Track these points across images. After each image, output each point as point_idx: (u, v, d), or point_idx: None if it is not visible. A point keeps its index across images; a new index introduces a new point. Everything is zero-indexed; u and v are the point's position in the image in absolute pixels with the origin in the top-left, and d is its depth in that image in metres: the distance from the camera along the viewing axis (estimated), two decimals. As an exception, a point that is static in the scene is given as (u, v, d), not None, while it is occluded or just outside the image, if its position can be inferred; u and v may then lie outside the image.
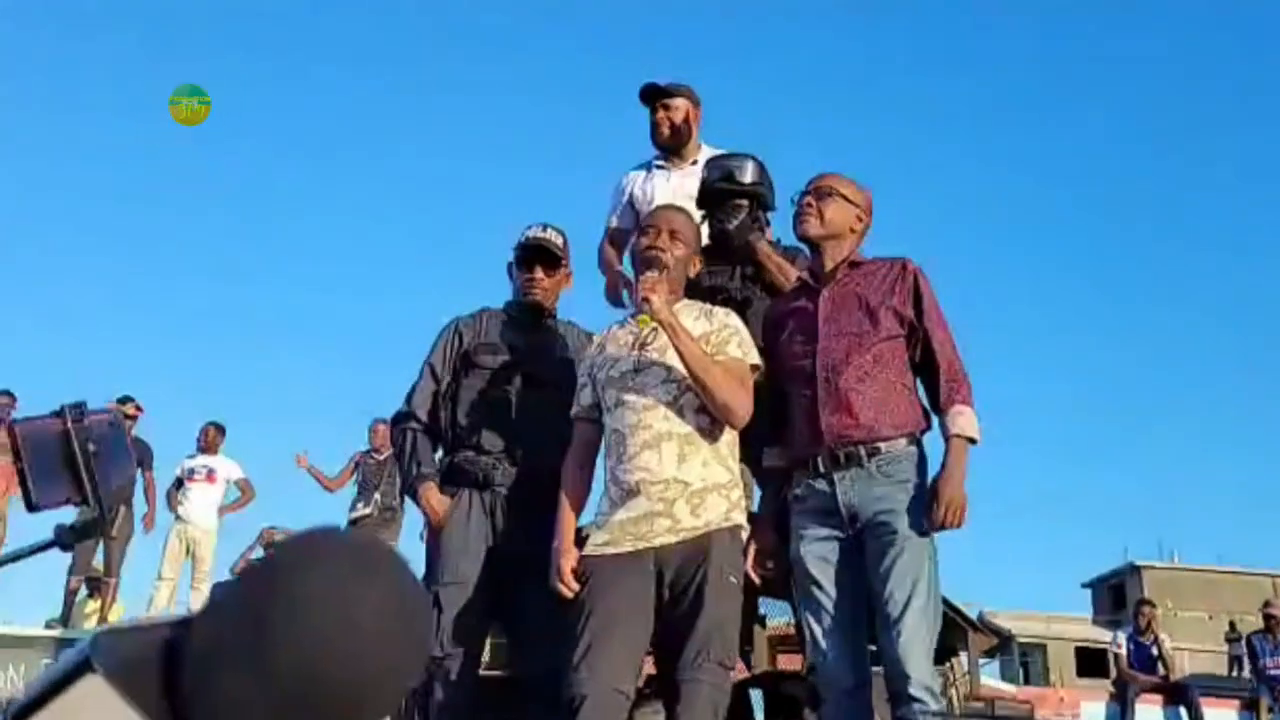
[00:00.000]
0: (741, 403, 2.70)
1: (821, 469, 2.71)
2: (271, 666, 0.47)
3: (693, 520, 2.65)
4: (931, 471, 2.71)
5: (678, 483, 2.66)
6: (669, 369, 2.73)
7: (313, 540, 0.50)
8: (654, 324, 2.68)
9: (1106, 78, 48.77)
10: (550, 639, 2.73)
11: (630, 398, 2.74)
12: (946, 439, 2.69)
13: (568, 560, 2.72)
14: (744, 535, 2.75)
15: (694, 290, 3.04)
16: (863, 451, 2.67)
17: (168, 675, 0.49)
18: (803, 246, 3.44)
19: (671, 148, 3.94)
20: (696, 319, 2.83)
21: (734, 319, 2.86)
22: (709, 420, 2.72)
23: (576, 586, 2.67)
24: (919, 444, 2.76)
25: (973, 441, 2.68)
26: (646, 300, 2.65)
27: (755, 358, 2.80)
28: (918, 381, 2.81)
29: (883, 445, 2.68)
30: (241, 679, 0.47)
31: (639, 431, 2.70)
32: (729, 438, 2.79)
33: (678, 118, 3.91)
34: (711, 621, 2.57)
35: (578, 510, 2.83)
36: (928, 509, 2.62)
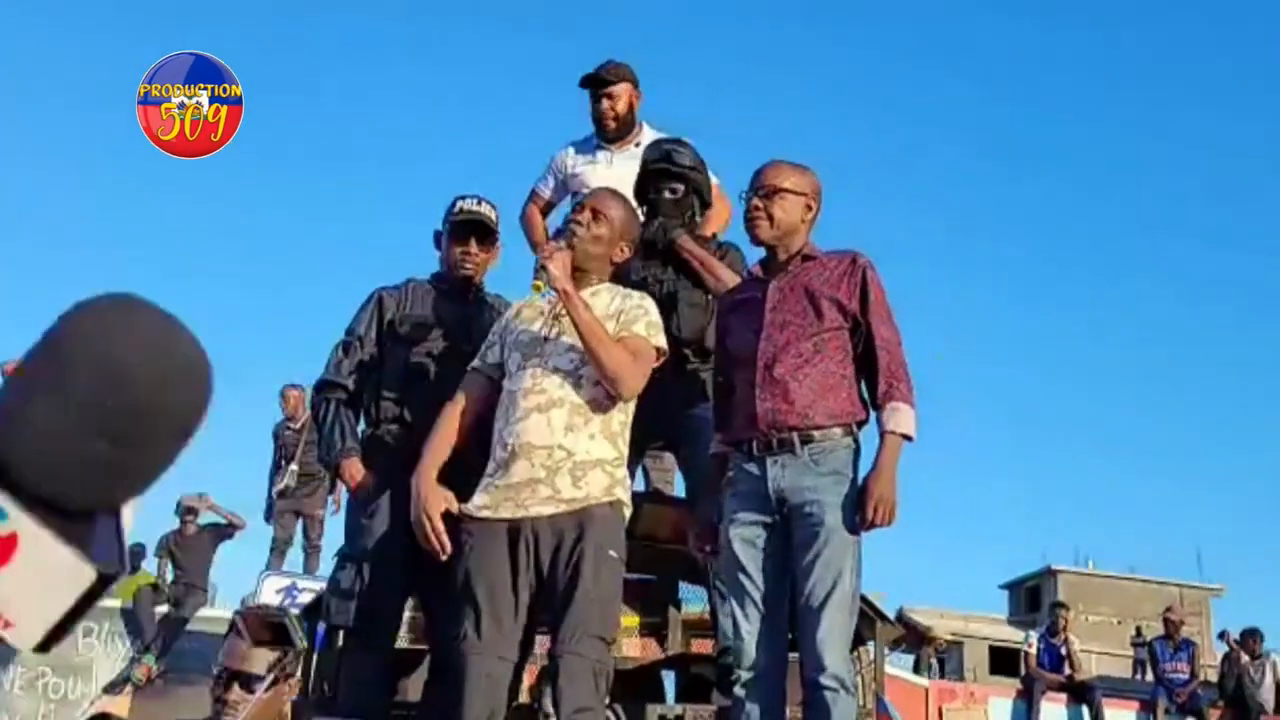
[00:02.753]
0: (631, 373, 2.70)
1: (754, 452, 2.74)
2: (70, 385, 0.53)
3: (574, 491, 2.65)
4: (865, 467, 2.72)
5: (561, 450, 2.66)
6: (575, 341, 2.73)
7: (85, 301, 0.57)
8: (547, 290, 2.68)
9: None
10: (458, 613, 2.74)
11: (533, 362, 2.75)
12: (881, 435, 2.70)
13: (432, 496, 2.71)
14: (626, 512, 2.76)
15: (623, 282, 3.06)
16: (795, 438, 2.68)
17: None
18: (735, 243, 3.48)
19: (617, 136, 3.96)
20: (613, 299, 2.85)
21: (649, 303, 2.88)
22: (605, 393, 2.73)
23: (447, 543, 2.67)
24: (854, 436, 2.76)
25: (908, 439, 2.69)
26: (544, 267, 2.66)
27: (660, 341, 2.81)
28: (860, 376, 2.80)
29: (816, 433, 2.68)
30: (46, 405, 0.53)
31: (532, 395, 2.71)
32: (622, 417, 2.79)
33: (621, 106, 3.91)
34: (590, 596, 2.58)
35: (445, 449, 2.79)
36: (858, 506, 2.63)
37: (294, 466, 8.66)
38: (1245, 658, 10.39)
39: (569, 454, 2.67)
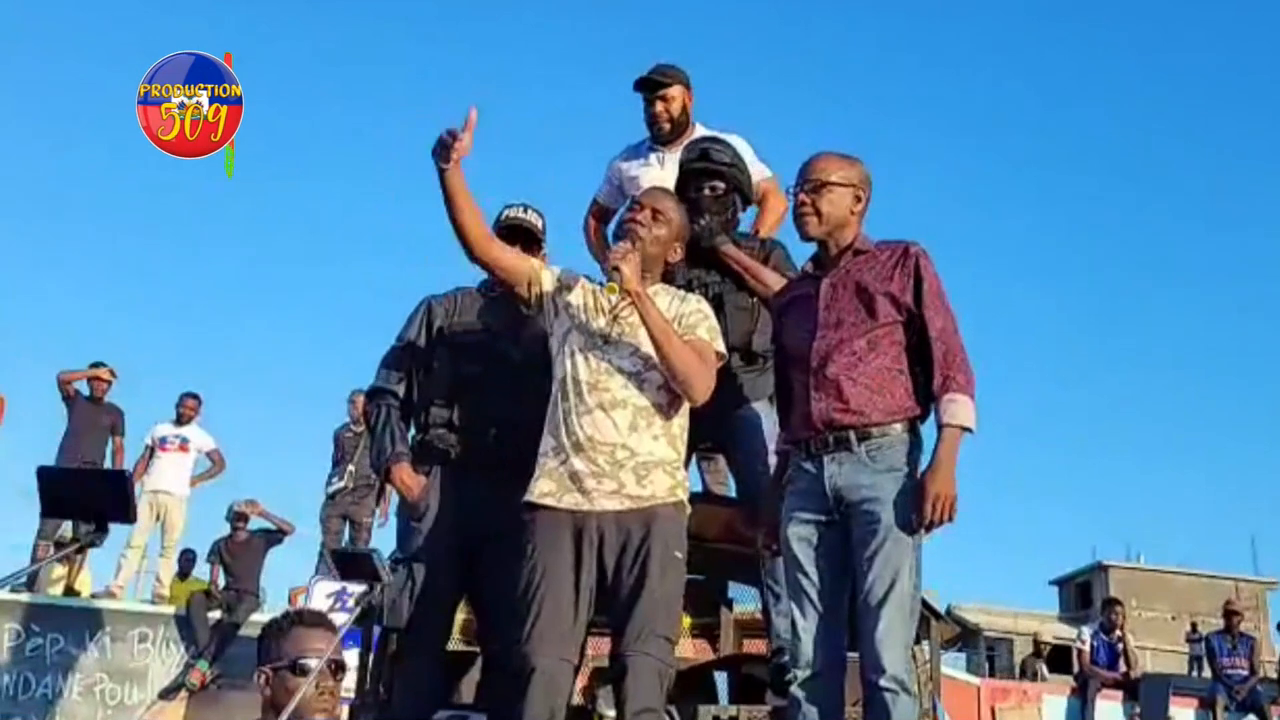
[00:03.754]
0: (701, 377, 2.72)
1: (812, 451, 2.71)
2: None
3: (639, 489, 2.67)
4: (925, 462, 2.66)
5: (625, 449, 2.68)
6: (638, 343, 2.75)
7: None
8: (620, 292, 2.68)
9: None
10: (513, 613, 2.74)
11: (595, 355, 2.76)
12: (939, 429, 2.64)
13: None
14: (686, 512, 2.77)
15: (671, 283, 3.05)
16: (852, 436, 2.65)
17: None
18: (780, 240, 3.44)
19: (671, 138, 3.94)
20: (671, 301, 2.85)
21: (706, 306, 2.89)
22: (667, 397, 2.74)
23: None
24: (914, 430, 2.72)
25: (968, 431, 2.63)
26: (616, 270, 2.65)
27: (721, 346, 2.83)
28: (918, 368, 2.73)
29: (874, 430, 2.65)
30: None
31: (596, 391, 2.72)
32: (681, 421, 2.81)
33: (675, 109, 3.90)
34: (656, 597, 2.59)
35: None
36: (915, 505, 2.57)
37: (352, 467, 8.77)
38: (1308, 653, 10.17)
39: (632, 453, 2.69)
